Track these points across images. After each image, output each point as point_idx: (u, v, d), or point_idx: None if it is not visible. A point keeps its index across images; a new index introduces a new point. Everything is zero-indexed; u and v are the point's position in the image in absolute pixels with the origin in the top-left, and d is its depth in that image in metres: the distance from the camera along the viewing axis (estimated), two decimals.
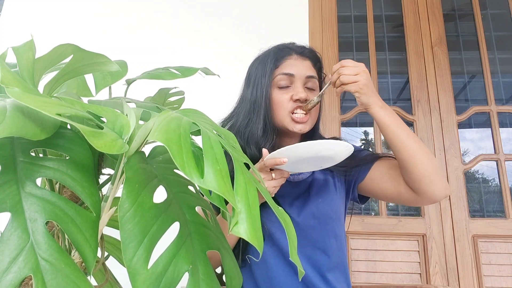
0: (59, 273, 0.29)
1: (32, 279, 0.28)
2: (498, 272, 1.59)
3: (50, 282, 0.28)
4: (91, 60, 0.47)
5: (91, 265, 0.32)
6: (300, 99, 0.88)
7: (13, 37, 1.86)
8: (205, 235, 0.38)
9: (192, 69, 0.65)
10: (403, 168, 0.83)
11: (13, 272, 0.28)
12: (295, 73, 0.90)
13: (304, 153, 0.73)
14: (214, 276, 0.35)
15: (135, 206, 0.31)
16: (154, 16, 1.95)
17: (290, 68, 0.91)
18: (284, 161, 0.72)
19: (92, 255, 0.32)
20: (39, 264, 0.29)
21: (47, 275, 0.29)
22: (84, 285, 0.30)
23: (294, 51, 0.94)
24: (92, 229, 0.33)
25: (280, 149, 0.72)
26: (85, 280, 0.30)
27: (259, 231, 0.31)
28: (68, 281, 0.29)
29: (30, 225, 0.30)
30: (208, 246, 0.37)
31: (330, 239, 0.89)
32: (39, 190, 0.33)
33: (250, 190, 0.32)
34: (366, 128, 1.99)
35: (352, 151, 0.77)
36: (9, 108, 0.31)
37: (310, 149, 0.72)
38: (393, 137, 0.81)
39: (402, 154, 0.81)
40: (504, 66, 1.99)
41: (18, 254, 0.29)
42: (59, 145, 0.37)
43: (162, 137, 0.30)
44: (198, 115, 0.41)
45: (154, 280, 0.29)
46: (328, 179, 0.95)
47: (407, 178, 0.84)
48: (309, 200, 0.91)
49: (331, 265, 0.89)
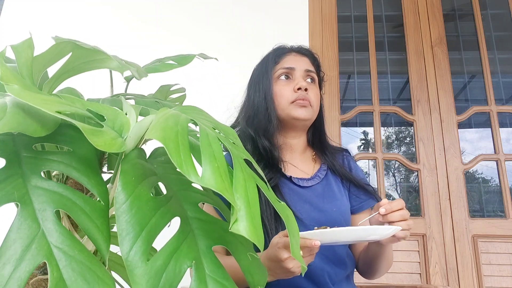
0: (73, 260, 0.29)
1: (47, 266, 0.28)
2: (498, 272, 1.59)
3: (65, 268, 0.29)
4: (91, 57, 0.47)
5: (105, 253, 0.32)
6: (301, 88, 0.90)
7: (13, 36, 1.86)
8: (211, 231, 0.37)
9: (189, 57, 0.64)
10: (365, 265, 0.94)
11: (27, 260, 0.28)
12: (295, 66, 0.93)
13: (343, 237, 0.67)
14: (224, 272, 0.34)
15: (132, 198, 0.31)
16: (155, 15, 1.95)
17: (290, 63, 0.94)
18: (315, 244, 0.62)
19: (106, 243, 0.32)
20: (52, 251, 0.29)
21: (61, 262, 0.29)
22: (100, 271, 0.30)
23: (292, 49, 0.98)
24: (102, 217, 0.33)
25: (315, 231, 0.64)
26: (100, 266, 0.30)
27: (259, 229, 0.31)
28: (83, 267, 0.29)
29: (40, 215, 0.30)
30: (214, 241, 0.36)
31: (340, 248, 0.90)
32: (45, 182, 0.33)
33: (249, 187, 0.32)
34: (366, 128, 1.99)
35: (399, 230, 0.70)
36: (10, 104, 0.31)
37: (350, 235, 0.67)
38: (379, 256, 0.87)
39: (373, 265, 0.91)
40: (504, 66, 1.99)
41: (31, 242, 0.29)
42: (61, 140, 0.37)
43: (159, 134, 0.30)
44: (197, 112, 0.41)
45: (153, 274, 0.29)
46: (338, 183, 0.97)
47: (362, 268, 0.97)
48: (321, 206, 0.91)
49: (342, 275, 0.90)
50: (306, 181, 0.93)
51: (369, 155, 1.88)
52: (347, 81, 2.04)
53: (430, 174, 1.74)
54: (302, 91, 0.91)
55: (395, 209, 0.73)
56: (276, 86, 0.93)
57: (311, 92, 0.93)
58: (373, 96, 1.89)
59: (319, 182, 0.94)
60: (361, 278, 1.01)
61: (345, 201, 0.95)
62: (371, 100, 1.90)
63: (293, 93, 0.91)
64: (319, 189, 0.93)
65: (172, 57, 0.65)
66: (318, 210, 0.89)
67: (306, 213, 0.88)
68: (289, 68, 0.93)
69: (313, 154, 1.01)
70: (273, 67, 0.94)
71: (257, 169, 0.38)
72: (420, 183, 1.75)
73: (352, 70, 2.02)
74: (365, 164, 1.91)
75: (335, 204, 0.92)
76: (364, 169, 1.91)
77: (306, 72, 0.94)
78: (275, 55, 0.96)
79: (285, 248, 0.64)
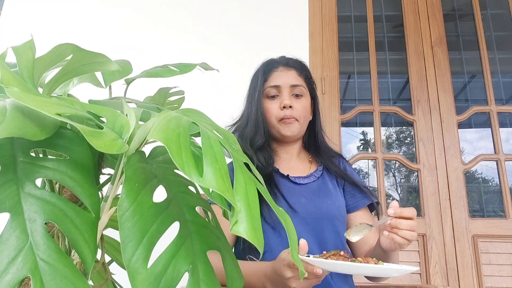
0: (58, 274, 0.29)
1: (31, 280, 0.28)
2: (498, 272, 1.59)
3: (48, 283, 0.28)
4: (91, 60, 0.46)
5: (89, 266, 0.32)
6: (285, 106, 0.96)
7: (13, 37, 1.86)
8: (206, 235, 0.37)
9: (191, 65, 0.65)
10: None
11: (11, 273, 0.28)
12: (281, 84, 0.99)
13: (348, 271, 0.65)
14: (215, 277, 0.35)
15: (135, 205, 0.31)
16: (155, 17, 1.95)
17: (276, 80, 1.00)
18: (316, 271, 0.61)
19: (91, 256, 0.32)
20: (37, 265, 0.29)
21: (45, 276, 0.28)
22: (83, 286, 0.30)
23: (280, 63, 1.03)
24: (91, 230, 0.33)
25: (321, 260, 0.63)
26: (84, 281, 0.30)
27: (259, 230, 0.31)
28: (66, 282, 0.29)
29: (29, 226, 0.30)
30: (208, 246, 0.37)
31: (337, 241, 0.93)
32: (38, 191, 0.33)
33: (250, 189, 0.32)
34: (366, 128, 1.99)
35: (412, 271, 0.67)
36: (9, 108, 0.31)
37: (355, 270, 0.65)
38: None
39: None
40: (504, 66, 1.99)
41: (17, 254, 0.28)
42: (59, 145, 0.37)
43: (161, 136, 0.30)
44: (198, 114, 0.41)
45: (153, 279, 0.29)
46: (333, 182, 1.01)
47: None
48: (317, 201, 0.95)
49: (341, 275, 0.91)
50: (302, 179, 0.99)
51: (369, 155, 1.88)
52: (347, 81, 2.03)
53: (430, 174, 1.74)
54: (287, 109, 0.96)
55: (404, 216, 0.70)
56: (265, 104, 1.00)
57: (297, 106, 0.98)
58: (373, 96, 1.89)
59: (315, 180, 0.99)
60: (361, 278, 1.01)
61: (340, 197, 0.99)
62: (371, 100, 1.90)
63: (280, 111, 0.97)
64: (314, 186, 0.98)
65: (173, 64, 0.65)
66: (313, 204, 0.94)
67: (302, 206, 0.92)
68: (275, 86, 0.99)
69: (309, 156, 1.07)
70: (262, 84, 1.00)
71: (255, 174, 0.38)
72: (420, 183, 1.75)
73: (352, 70, 2.02)
74: (365, 164, 1.91)
75: (330, 198, 0.96)
76: (364, 169, 1.92)
77: (292, 88, 1.00)
78: (264, 71, 1.02)
79: (289, 268, 0.64)
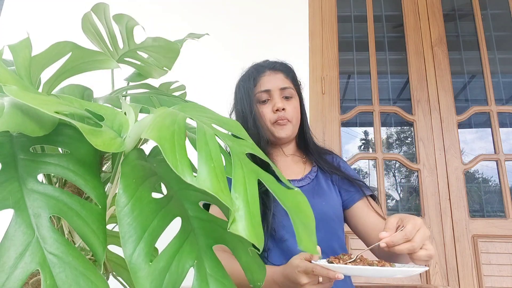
0: (67, 266, 0.29)
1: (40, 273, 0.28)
2: (498, 272, 1.59)
3: (58, 275, 0.28)
4: (90, 58, 0.46)
5: (101, 258, 0.32)
6: (278, 109, 0.99)
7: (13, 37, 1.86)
8: (211, 230, 0.37)
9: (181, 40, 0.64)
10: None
11: (20, 267, 0.28)
12: (271, 87, 1.02)
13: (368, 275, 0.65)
14: (224, 271, 0.34)
15: (133, 200, 0.31)
16: (153, 13, 1.95)
17: (265, 85, 1.02)
18: (338, 276, 0.61)
19: (102, 247, 0.32)
20: (46, 258, 0.29)
21: (55, 269, 0.28)
22: (95, 277, 0.29)
23: (267, 67, 1.06)
24: (98, 221, 0.33)
25: (340, 265, 0.62)
26: (95, 271, 0.30)
27: (259, 228, 0.30)
28: (77, 273, 0.29)
29: (34, 221, 0.30)
30: (214, 240, 0.36)
31: (333, 241, 0.92)
32: (41, 186, 0.32)
33: (249, 185, 0.32)
34: (366, 128, 1.99)
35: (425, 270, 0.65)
36: (7, 105, 0.31)
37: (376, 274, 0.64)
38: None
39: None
40: (504, 66, 1.98)
41: (24, 249, 0.28)
42: (59, 141, 0.37)
43: (155, 134, 0.30)
44: (197, 109, 0.40)
45: (157, 275, 0.29)
46: (328, 181, 1.01)
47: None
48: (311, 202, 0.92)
49: None
50: (296, 182, 0.99)
51: (369, 155, 1.88)
52: (347, 81, 2.03)
53: (430, 174, 1.74)
54: (280, 111, 0.99)
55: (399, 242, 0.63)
56: (258, 108, 1.01)
57: (288, 108, 1.01)
58: (373, 96, 1.89)
59: (309, 182, 0.99)
60: (361, 278, 1.01)
61: (334, 197, 0.98)
62: (371, 100, 1.90)
63: (273, 114, 1.00)
64: (308, 188, 0.98)
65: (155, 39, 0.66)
66: None
67: None
68: (266, 91, 1.01)
69: (303, 157, 1.08)
70: (253, 89, 1.02)
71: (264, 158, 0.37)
72: (420, 183, 1.75)
73: (352, 70, 2.02)
74: (365, 164, 1.91)
75: (324, 198, 0.96)
76: (364, 169, 1.91)
77: (281, 91, 1.02)
78: (253, 76, 1.04)
79: (305, 274, 0.64)
